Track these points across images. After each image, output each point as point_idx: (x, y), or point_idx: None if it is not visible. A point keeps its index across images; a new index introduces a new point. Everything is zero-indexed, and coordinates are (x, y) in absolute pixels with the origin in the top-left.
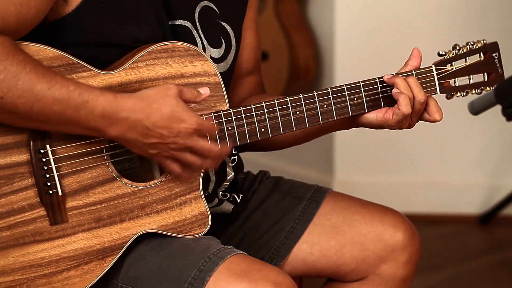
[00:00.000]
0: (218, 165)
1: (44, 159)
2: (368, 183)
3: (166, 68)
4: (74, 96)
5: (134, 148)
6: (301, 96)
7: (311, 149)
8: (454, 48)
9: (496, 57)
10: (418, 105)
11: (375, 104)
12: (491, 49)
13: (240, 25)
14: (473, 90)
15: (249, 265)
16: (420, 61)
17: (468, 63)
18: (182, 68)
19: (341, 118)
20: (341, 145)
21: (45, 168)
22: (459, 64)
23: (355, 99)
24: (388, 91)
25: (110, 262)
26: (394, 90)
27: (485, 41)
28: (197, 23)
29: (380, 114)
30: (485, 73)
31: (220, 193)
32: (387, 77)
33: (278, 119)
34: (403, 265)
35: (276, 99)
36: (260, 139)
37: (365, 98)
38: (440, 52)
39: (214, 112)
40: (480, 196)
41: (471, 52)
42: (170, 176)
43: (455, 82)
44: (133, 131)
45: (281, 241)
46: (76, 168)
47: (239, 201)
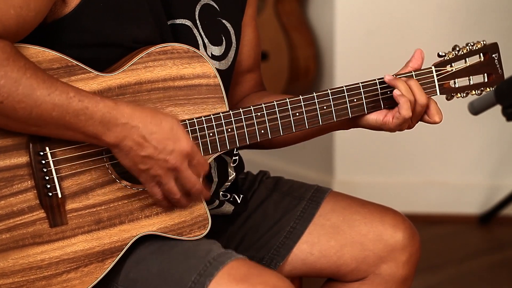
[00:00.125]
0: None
1: (44, 161)
2: (368, 183)
3: (165, 70)
4: (74, 102)
5: (125, 160)
6: (301, 98)
7: (311, 149)
8: (454, 49)
9: (496, 58)
10: (419, 108)
11: (375, 106)
12: (491, 50)
13: (240, 23)
14: (473, 91)
15: (249, 270)
16: (422, 63)
17: (468, 64)
18: (181, 70)
19: (341, 120)
20: (341, 145)
21: (45, 170)
22: (459, 65)
23: (355, 101)
24: (388, 93)
25: (110, 264)
26: (395, 92)
27: (485, 42)
28: (198, 21)
29: (380, 117)
30: (485, 74)
31: (221, 194)
32: (388, 78)
33: (278, 121)
34: (403, 265)
35: (276, 101)
36: (260, 140)
37: (365, 100)
38: (440, 53)
39: (214, 114)
40: (480, 196)
41: (471, 53)
42: None
43: (455, 83)
44: (129, 139)
45: (281, 241)
46: (76, 170)
47: (240, 202)
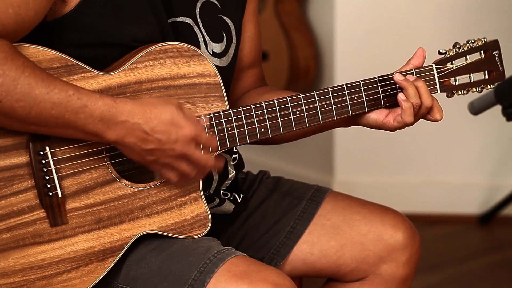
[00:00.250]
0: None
1: (44, 161)
2: (368, 183)
3: (166, 69)
4: (73, 100)
5: (132, 154)
6: (301, 96)
7: (311, 149)
8: (455, 47)
9: (497, 55)
10: (424, 110)
11: (375, 103)
12: (492, 47)
13: (241, 19)
14: (474, 89)
15: (249, 267)
16: (423, 61)
17: (469, 62)
18: (182, 69)
19: (341, 118)
20: (341, 145)
21: (45, 170)
22: (460, 63)
23: (355, 99)
24: (389, 90)
25: (110, 264)
26: (400, 97)
27: (486, 39)
28: (198, 19)
29: (381, 118)
30: (486, 71)
31: (222, 192)
32: (399, 79)
33: (278, 119)
34: (403, 265)
35: (276, 99)
36: (260, 139)
37: (365, 98)
38: (441, 51)
39: (214, 113)
40: (480, 196)
41: (472, 50)
42: None
43: (456, 81)
44: (132, 136)
45: (281, 241)
46: (76, 170)
47: (240, 201)
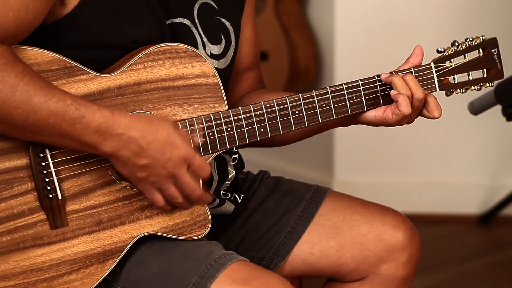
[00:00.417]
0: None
1: (44, 163)
2: (368, 183)
3: (164, 70)
4: (71, 110)
5: (124, 169)
6: (300, 96)
7: (311, 149)
8: (453, 45)
9: (495, 53)
10: (417, 103)
11: (374, 103)
12: (490, 45)
13: (239, 21)
14: (473, 87)
15: (250, 272)
16: (422, 59)
17: (467, 60)
18: (180, 70)
19: (341, 117)
20: (341, 145)
21: (45, 172)
22: (458, 61)
23: (354, 98)
24: (388, 89)
25: (111, 265)
26: (393, 92)
27: (484, 37)
28: (196, 21)
29: (379, 113)
30: (484, 69)
31: (222, 193)
32: (384, 76)
33: (277, 119)
34: (403, 265)
35: (275, 99)
36: (260, 139)
37: (364, 97)
38: (439, 49)
39: (213, 113)
40: (480, 196)
41: (470, 49)
42: None
43: (454, 79)
44: (127, 149)
45: (281, 241)
46: (76, 172)
47: (240, 201)
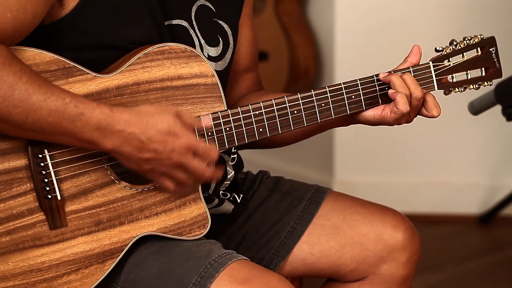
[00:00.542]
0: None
1: (42, 164)
2: (368, 183)
3: (163, 70)
4: (70, 108)
5: (129, 163)
6: (299, 96)
7: (311, 149)
8: (451, 44)
9: (494, 52)
10: (415, 101)
11: (373, 102)
12: (488, 44)
13: (237, 23)
14: (471, 86)
15: (251, 272)
16: (420, 58)
17: (466, 59)
18: (179, 70)
19: (339, 117)
20: (341, 145)
21: (44, 173)
22: (457, 60)
23: (353, 97)
24: (386, 88)
25: (110, 266)
26: (390, 91)
27: (482, 36)
28: (194, 22)
29: (378, 112)
30: (483, 68)
31: (221, 193)
32: (383, 76)
33: (276, 119)
34: (403, 265)
35: (274, 99)
36: (259, 139)
37: (363, 96)
38: (437, 48)
39: (212, 113)
40: (480, 196)
41: (468, 47)
42: None
43: (453, 78)
44: (128, 145)
45: (281, 242)
46: (75, 172)
47: (239, 201)
